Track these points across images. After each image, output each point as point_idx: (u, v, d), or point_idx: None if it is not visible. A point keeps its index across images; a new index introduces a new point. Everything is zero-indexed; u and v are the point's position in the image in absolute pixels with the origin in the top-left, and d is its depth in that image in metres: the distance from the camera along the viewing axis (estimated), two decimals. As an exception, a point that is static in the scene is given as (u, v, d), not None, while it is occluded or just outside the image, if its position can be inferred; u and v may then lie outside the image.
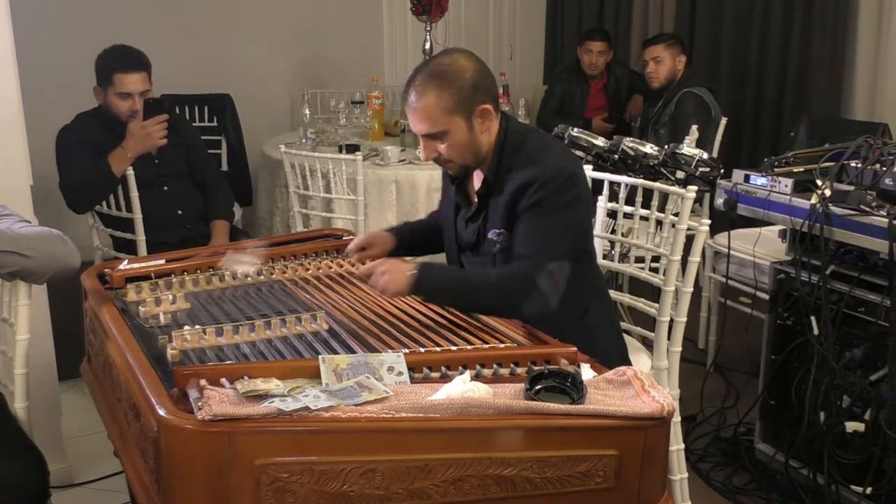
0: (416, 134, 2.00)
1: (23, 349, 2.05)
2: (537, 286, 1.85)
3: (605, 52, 4.79)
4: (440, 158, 1.98)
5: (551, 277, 1.87)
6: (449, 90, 1.88)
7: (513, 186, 1.94)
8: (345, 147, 3.85)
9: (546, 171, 1.91)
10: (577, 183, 1.95)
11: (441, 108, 1.89)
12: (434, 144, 1.96)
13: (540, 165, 1.92)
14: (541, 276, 1.85)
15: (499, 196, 1.98)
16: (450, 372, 1.54)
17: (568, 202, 1.92)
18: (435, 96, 1.89)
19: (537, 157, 1.95)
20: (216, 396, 1.34)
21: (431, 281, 1.87)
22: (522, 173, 1.93)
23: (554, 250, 1.90)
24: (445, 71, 1.90)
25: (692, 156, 2.76)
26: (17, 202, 2.37)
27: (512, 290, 1.85)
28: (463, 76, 1.89)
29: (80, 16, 4.76)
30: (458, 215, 2.13)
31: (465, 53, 1.97)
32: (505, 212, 1.96)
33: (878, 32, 4.20)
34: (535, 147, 1.98)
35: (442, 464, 1.35)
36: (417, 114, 1.92)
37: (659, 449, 1.46)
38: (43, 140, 3.06)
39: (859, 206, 2.25)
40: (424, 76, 1.91)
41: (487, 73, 1.96)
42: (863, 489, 2.31)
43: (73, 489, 2.71)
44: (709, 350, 3.63)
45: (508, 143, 1.99)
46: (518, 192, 1.93)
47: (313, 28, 5.59)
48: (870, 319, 2.31)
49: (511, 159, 1.97)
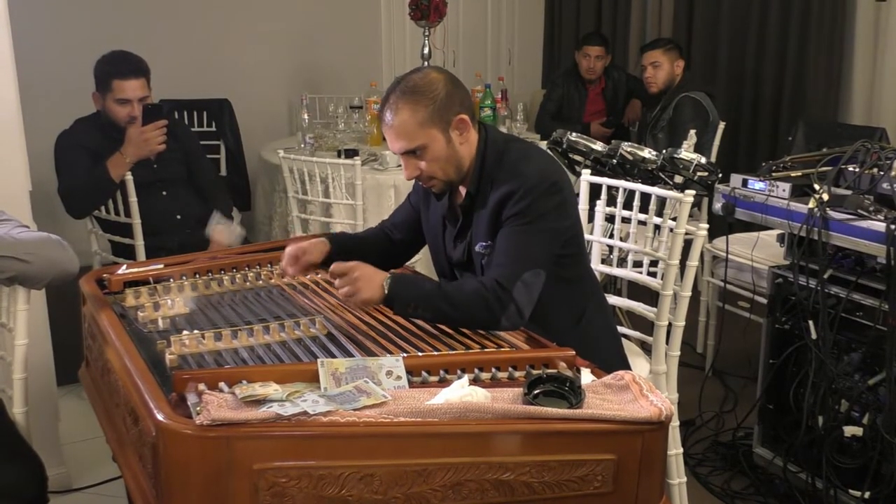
0: (396, 154, 1.98)
1: (21, 354, 2.05)
2: (512, 298, 1.80)
3: (602, 56, 4.80)
4: (422, 176, 1.96)
5: (525, 288, 1.83)
6: (423, 103, 1.87)
7: (496, 198, 1.92)
8: (343, 152, 3.85)
9: (528, 180, 1.89)
10: (560, 189, 1.93)
11: (416, 123, 1.88)
12: (415, 162, 1.94)
13: (522, 175, 1.90)
14: (515, 287, 1.81)
15: (482, 209, 1.96)
16: (448, 376, 1.54)
17: (551, 209, 1.90)
18: (409, 112, 1.87)
19: (519, 166, 1.93)
20: (214, 401, 1.35)
21: (406, 293, 1.80)
22: (505, 186, 1.90)
23: (531, 260, 1.86)
24: (417, 85, 1.89)
25: (690, 160, 2.76)
26: (15, 207, 2.38)
27: (487, 304, 1.79)
28: (435, 88, 1.88)
29: (79, 21, 4.76)
30: (446, 232, 2.10)
31: (436, 68, 1.97)
32: (489, 224, 1.94)
33: (875, 37, 4.21)
34: (516, 157, 1.96)
35: (440, 468, 1.35)
36: (394, 131, 1.91)
37: (657, 453, 1.46)
38: (41, 145, 3.06)
39: (857, 210, 2.25)
40: (397, 94, 1.90)
41: (460, 85, 1.94)
42: (861, 494, 2.31)
43: (72, 494, 2.71)
44: (707, 354, 3.63)
45: (489, 154, 1.97)
46: (501, 203, 1.91)
47: (311, 33, 5.60)
48: (868, 323, 2.31)
49: (493, 171, 1.95)
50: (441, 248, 2.12)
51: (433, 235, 2.15)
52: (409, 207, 2.23)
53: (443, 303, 1.79)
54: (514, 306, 1.80)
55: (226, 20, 5.27)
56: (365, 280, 1.79)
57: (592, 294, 2.17)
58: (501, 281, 1.81)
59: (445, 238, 2.10)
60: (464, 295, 1.81)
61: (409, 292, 1.81)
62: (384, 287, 1.79)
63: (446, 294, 1.81)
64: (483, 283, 1.83)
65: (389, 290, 1.79)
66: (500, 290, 1.80)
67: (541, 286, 1.86)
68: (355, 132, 4.45)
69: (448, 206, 2.08)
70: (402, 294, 1.80)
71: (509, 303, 1.80)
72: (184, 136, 3.35)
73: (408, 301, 1.80)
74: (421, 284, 1.86)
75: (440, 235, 2.12)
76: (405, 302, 1.80)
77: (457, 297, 1.81)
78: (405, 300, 1.80)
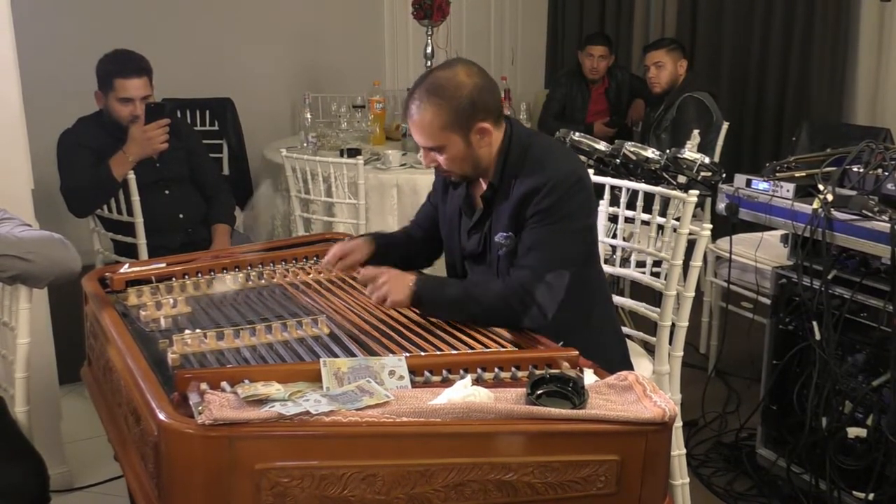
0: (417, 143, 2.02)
1: (23, 353, 2.05)
2: (535, 300, 1.84)
3: (606, 56, 4.79)
4: (440, 168, 2.00)
5: (549, 289, 1.86)
6: (446, 108, 1.88)
7: (520, 192, 1.93)
8: (346, 151, 3.85)
9: (553, 177, 1.90)
10: (584, 187, 1.95)
11: (438, 126, 1.90)
12: (433, 156, 1.98)
13: (547, 171, 1.92)
14: (539, 288, 1.85)
15: (504, 202, 1.98)
16: (451, 376, 1.54)
17: (577, 207, 1.92)
18: (432, 113, 1.89)
19: (544, 162, 1.95)
20: (217, 401, 1.34)
21: (432, 294, 1.87)
22: (530, 180, 1.92)
23: (556, 260, 1.89)
24: (444, 87, 1.88)
25: (694, 160, 2.76)
26: (18, 206, 2.37)
27: (510, 305, 1.84)
28: (460, 94, 1.88)
29: (81, 20, 4.76)
30: (462, 223, 2.13)
31: (467, 67, 1.94)
32: (512, 217, 1.96)
33: (879, 37, 4.20)
34: (540, 153, 1.98)
35: (443, 469, 1.35)
36: (415, 127, 1.94)
37: (660, 454, 1.46)
38: (44, 144, 3.06)
39: (861, 210, 2.24)
40: (423, 91, 1.91)
41: (487, 88, 1.93)
42: (865, 495, 2.30)
43: (74, 493, 2.71)
44: (710, 355, 3.62)
45: (513, 148, 1.98)
46: (526, 199, 1.92)
47: (314, 32, 5.60)
48: (872, 324, 2.30)
49: (516, 165, 1.97)
50: (456, 239, 2.15)
51: (449, 228, 2.17)
52: (429, 206, 2.27)
53: (469, 304, 1.86)
54: (536, 308, 1.85)
55: (229, 19, 5.27)
56: (393, 284, 1.86)
57: (602, 292, 2.18)
58: (525, 283, 1.86)
59: (461, 229, 2.13)
60: (488, 297, 1.87)
61: (436, 294, 1.88)
62: (413, 289, 1.86)
63: (472, 296, 1.87)
64: (507, 285, 1.88)
65: (417, 292, 1.86)
66: (522, 293, 1.84)
67: (565, 286, 1.89)
68: (358, 131, 4.45)
69: (465, 196, 2.10)
70: (429, 296, 1.87)
71: (532, 305, 1.84)
72: (186, 136, 3.35)
73: (435, 303, 1.88)
74: (447, 286, 1.92)
75: (456, 227, 2.14)
76: (433, 304, 1.88)
77: (482, 299, 1.86)
78: (433, 302, 1.88)
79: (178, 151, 3.24)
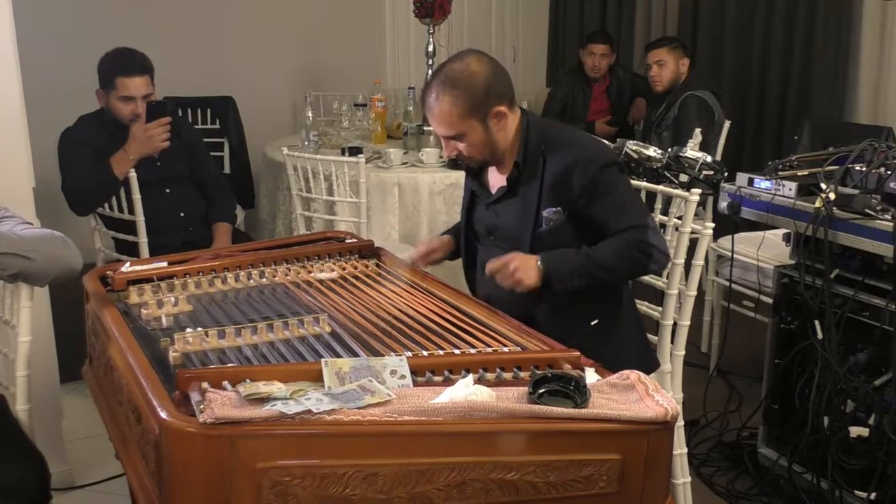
0: (437, 134, 2.15)
1: (24, 351, 2.04)
2: (652, 245, 2.00)
3: (607, 54, 4.79)
4: (461, 156, 2.12)
5: (656, 232, 2.04)
6: (462, 97, 2.00)
7: (556, 167, 2.05)
8: (347, 150, 3.85)
9: (587, 151, 2.06)
10: (616, 159, 2.12)
11: (456, 114, 2.02)
12: (454, 144, 2.09)
13: (579, 147, 2.07)
14: (650, 235, 2.00)
15: (533, 180, 2.08)
16: (453, 375, 1.53)
17: (621, 172, 2.09)
18: (449, 103, 2.01)
19: (573, 139, 2.10)
20: (218, 399, 1.34)
21: (561, 267, 2.00)
22: (562, 155, 2.05)
23: (641, 211, 2.05)
24: (458, 77, 2.01)
25: (695, 159, 2.76)
26: (19, 204, 2.37)
27: (634, 257, 2.00)
28: (475, 81, 2.01)
29: (82, 18, 4.76)
30: (477, 205, 2.25)
31: (477, 56, 2.07)
32: (550, 193, 2.06)
33: (881, 35, 4.20)
34: (563, 133, 2.14)
35: (444, 468, 1.35)
36: (435, 118, 2.06)
37: (662, 453, 1.46)
38: (45, 142, 3.05)
39: (864, 209, 2.24)
40: (439, 83, 2.03)
41: (499, 74, 2.07)
42: (867, 495, 2.30)
43: (75, 492, 2.71)
44: (712, 354, 3.62)
45: (532, 130, 2.11)
46: (565, 173, 2.04)
47: (316, 30, 5.59)
48: (874, 324, 2.30)
49: (538, 143, 2.09)
50: (469, 222, 2.29)
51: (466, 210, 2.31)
52: None
53: (595, 269, 2.01)
54: (656, 251, 2.01)
55: (230, 18, 5.27)
56: (522, 268, 1.99)
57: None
58: (636, 235, 2.00)
59: (476, 210, 2.26)
60: (610, 257, 2.01)
61: (563, 267, 2.01)
62: (540, 268, 1.99)
63: (595, 261, 2.01)
64: (622, 240, 2.01)
65: (545, 269, 2.00)
66: (640, 244, 2.00)
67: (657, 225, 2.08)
68: (359, 130, 4.44)
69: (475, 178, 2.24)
70: (557, 270, 2.00)
71: (650, 248, 2.00)
72: (187, 134, 3.35)
73: (564, 276, 2.01)
74: (568, 258, 2.03)
75: (467, 206, 2.29)
76: (562, 277, 2.01)
77: (605, 261, 2.01)
78: (562, 275, 2.01)
79: (180, 150, 3.24)
